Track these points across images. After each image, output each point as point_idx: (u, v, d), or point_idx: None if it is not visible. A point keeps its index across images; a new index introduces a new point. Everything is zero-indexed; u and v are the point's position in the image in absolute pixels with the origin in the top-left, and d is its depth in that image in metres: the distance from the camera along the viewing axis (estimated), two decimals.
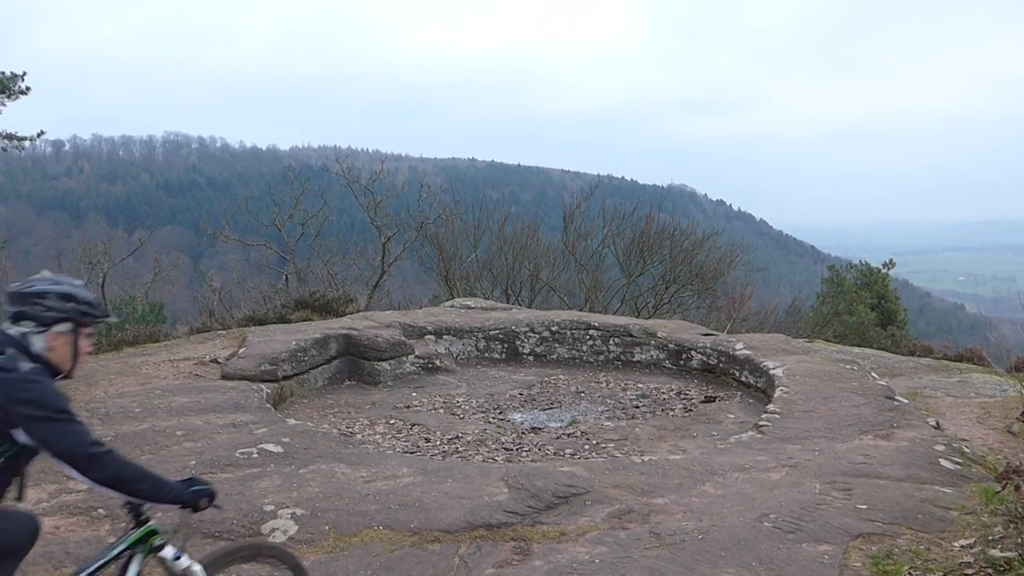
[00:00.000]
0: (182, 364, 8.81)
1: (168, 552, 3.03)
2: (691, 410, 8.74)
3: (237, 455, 5.71)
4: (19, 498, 2.86)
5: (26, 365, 2.74)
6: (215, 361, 8.91)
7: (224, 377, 8.25)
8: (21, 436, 2.67)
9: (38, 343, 2.83)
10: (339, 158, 23.63)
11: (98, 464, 2.73)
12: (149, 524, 3.01)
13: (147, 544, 3.00)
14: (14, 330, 2.83)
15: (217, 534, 4.43)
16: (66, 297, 2.90)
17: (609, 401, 9.17)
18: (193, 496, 2.96)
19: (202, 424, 6.48)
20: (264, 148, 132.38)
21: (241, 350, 9.13)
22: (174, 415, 6.71)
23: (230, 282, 22.26)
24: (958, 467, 5.87)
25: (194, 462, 5.54)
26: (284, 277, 20.45)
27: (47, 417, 2.66)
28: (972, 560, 4.22)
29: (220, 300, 19.49)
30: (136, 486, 2.82)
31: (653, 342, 10.93)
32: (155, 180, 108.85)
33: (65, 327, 2.89)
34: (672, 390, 9.66)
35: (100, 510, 4.72)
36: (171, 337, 11.95)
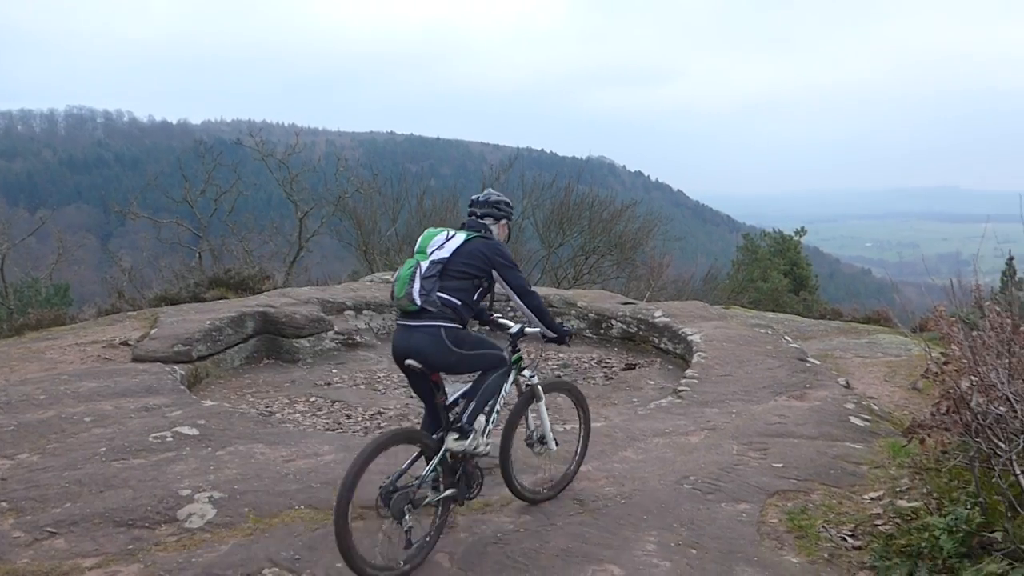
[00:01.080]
0: (90, 348, 8.49)
1: (526, 372, 4.78)
2: (612, 378, 8.83)
3: (150, 439, 5.53)
4: (490, 307, 4.72)
5: (493, 239, 4.51)
6: (125, 343, 8.61)
7: (135, 360, 7.97)
8: (494, 274, 4.39)
9: (493, 230, 4.57)
10: (253, 132, 23.01)
11: (531, 296, 4.54)
12: (518, 352, 4.72)
13: (518, 365, 4.69)
14: (482, 221, 4.55)
15: (130, 522, 4.28)
16: (508, 204, 4.69)
17: None
18: (566, 333, 4.83)
19: (112, 409, 6.26)
20: (174, 122, 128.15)
21: (153, 331, 8.84)
22: (82, 401, 6.46)
23: (141, 261, 21.55)
24: (867, 424, 6.09)
25: (104, 448, 5.34)
26: (197, 255, 19.90)
27: (508, 265, 4.41)
28: (881, 511, 4.39)
29: (130, 280, 18.86)
30: (545, 316, 4.65)
31: (573, 312, 11.00)
32: (58, 156, 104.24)
33: (506, 222, 4.68)
34: (593, 359, 9.75)
35: (3, 503, 4.51)
36: (78, 320, 11.50)
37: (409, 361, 4.14)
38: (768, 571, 3.86)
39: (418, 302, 4.12)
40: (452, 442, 4.15)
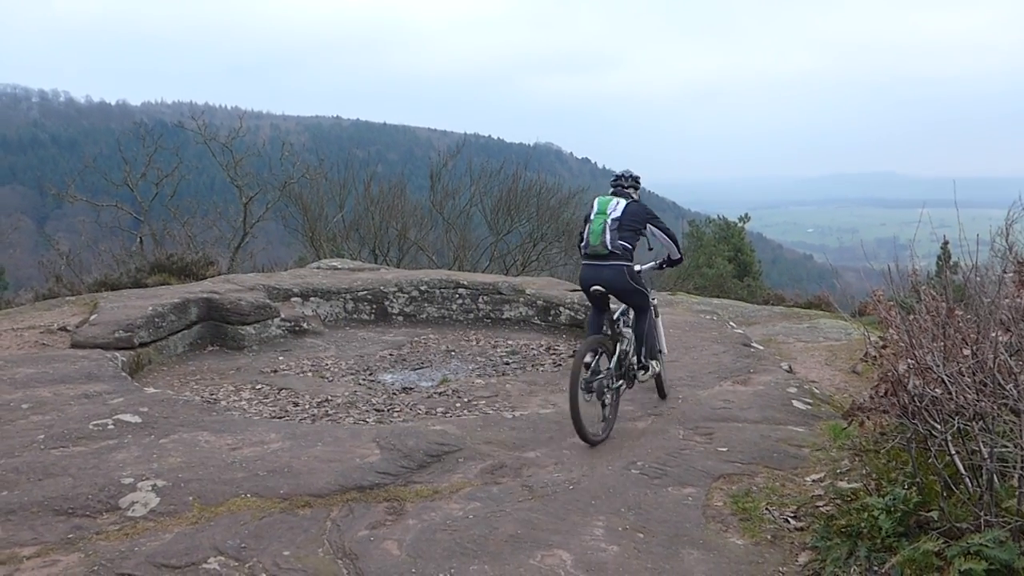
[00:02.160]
0: (27, 333, 8.26)
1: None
2: (560, 365, 8.88)
3: (91, 427, 5.41)
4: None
5: (641, 202, 6.17)
6: (64, 329, 8.40)
7: (74, 346, 7.78)
8: (646, 229, 6.07)
9: (635, 195, 6.18)
10: (195, 115, 22.51)
11: (676, 235, 6.35)
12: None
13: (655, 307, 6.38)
14: (627, 190, 6.18)
15: (70, 511, 4.19)
16: (638, 179, 6.31)
17: (480, 359, 9.21)
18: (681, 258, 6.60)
19: (51, 396, 6.11)
20: (113, 104, 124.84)
21: (93, 317, 8.63)
22: (19, 387, 6.29)
23: (79, 245, 20.94)
24: (809, 407, 6.23)
25: (43, 436, 5.21)
26: (138, 239, 19.43)
27: (657, 218, 6.18)
28: (823, 493, 4.49)
29: (68, 264, 18.32)
30: (680, 247, 6.45)
31: (522, 299, 11.03)
32: None
33: (637, 193, 6.24)
34: (541, 346, 9.79)
35: None
36: (13, 304, 11.19)
37: (596, 288, 5.88)
38: (713, 553, 3.93)
39: (609, 247, 5.82)
40: (643, 376, 6.15)
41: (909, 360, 4.03)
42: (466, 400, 7.38)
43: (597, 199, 6.14)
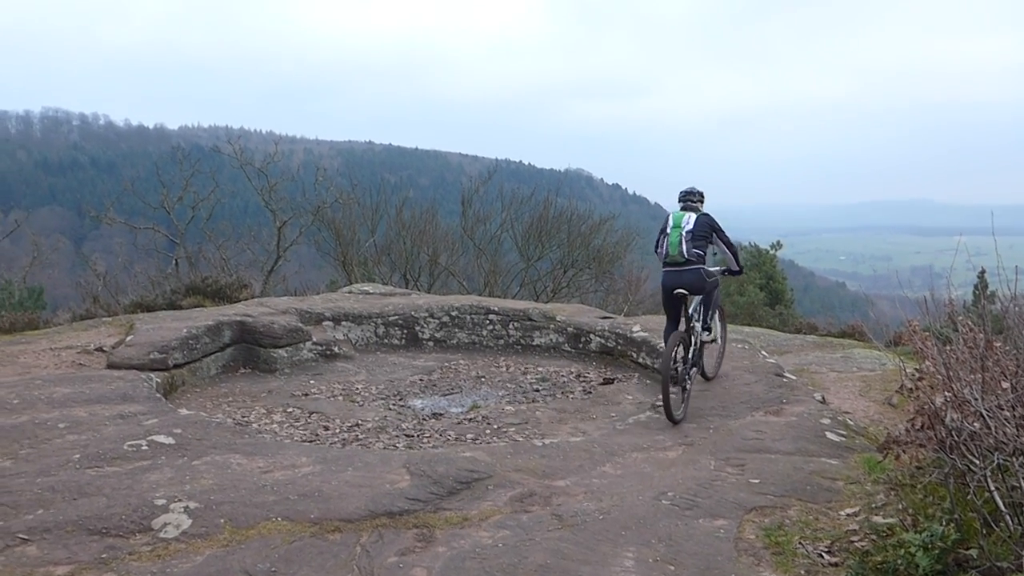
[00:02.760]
0: (64, 353, 8.39)
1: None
2: (590, 392, 8.85)
3: (125, 447, 5.48)
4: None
5: (709, 214, 7.28)
6: (100, 349, 8.52)
7: (110, 366, 7.90)
8: (713, 238, 7.25)
9: (702, 209, 7.29)
10: (231, 139, 22.87)
11: (736, 247, 7.53)
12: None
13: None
14: (695, 204, 7.32)
15: (104, 530, 4.23)
16: (703, 194, 7.42)
17: (510, 385, 9.21)
18: (742, 269, 7.92)
19: (87, 415, 6.19)
20: (151, 127, 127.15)
21: (128, 338, 8.76)
22: (56, 406, 6.39)
23: (116, 267, 21.30)
24: (843, 439, 6.14)
25: (78, 455, 5.28)
26: (174, 262, 19.71)
27: (723, 230, 7.31)
28: (857, 528, 4.42)
29: (105, 285, 18.63)
30: (739, 259, 7.68)
31: (552, 326, 11.02)
32: (33, 158, 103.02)
33: (703, 205, 7.40)
34: (571, 373, 9.77)
35: None
36: (52, 324, 11.35)
37: (679, 291, 7.08)
38: None
39: (686, 256, 7.03)
40: (704, 336, 7.47)
41: (946, 393, 3.97)
42: (496, 427, 7.37)
43: (672, 214, 7.32)
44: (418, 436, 7.08)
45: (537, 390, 8.96)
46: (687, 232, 7.06)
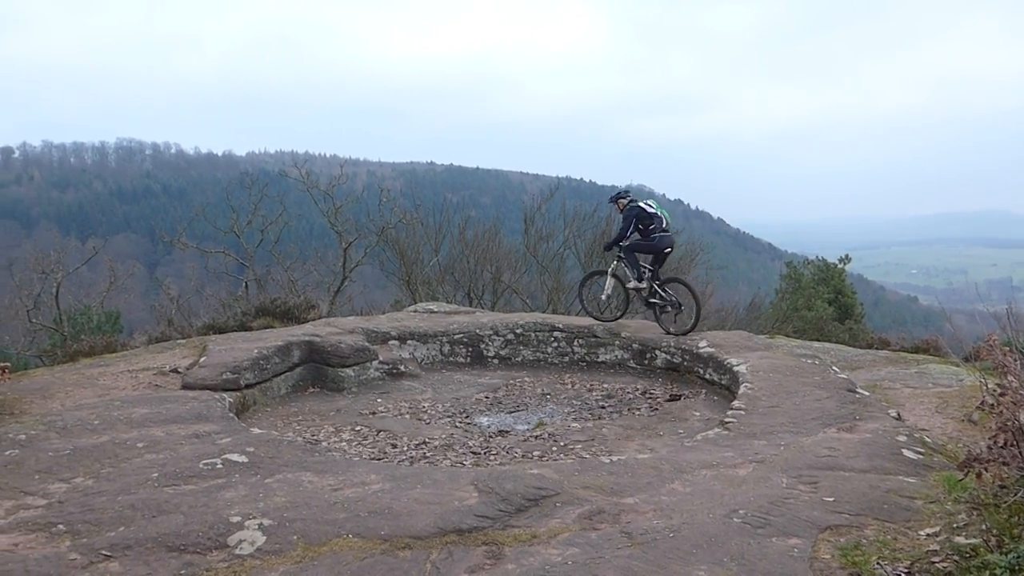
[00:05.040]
0: (141, 374, 8.65)
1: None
2: (657, 409, 8.77)
3: (201, 466, 5.61)
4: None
5: None
6: (175, 371, 8.76)
7: (185, 387, 8.11)
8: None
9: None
10: (297, 163, 23.41)
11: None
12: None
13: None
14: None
15: (182, 547, 4.34)
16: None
17: (575, 402, 9.18)
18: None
19: (164, 435, 6.36)
20: (220, 154, 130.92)
21: (202, 359, 8.99)
22: (134, 427, 6.58)
23: (188, 290, 21.93)
24: (920, 457, 5.97)
25: (157, 474, 5.43)
26: (244, 284, 20.19)
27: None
28: (938, 548, 4.28)
29: (178, 308, 19.19)
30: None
31: (617, 342, 10.97)
32: (108, 187, 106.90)
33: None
34: (637, 389, 9.70)
35: (60, 525, 4.60)
36: (129, 347, 11.73)
37: (669, 248, 10.78)
38: None
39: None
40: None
41: None
42: (562, 444, 7.35)
43: (651, 200, 11.13)
44: (485, 453, 7.10)
45: (603, 407, 8.92)
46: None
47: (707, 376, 9.63)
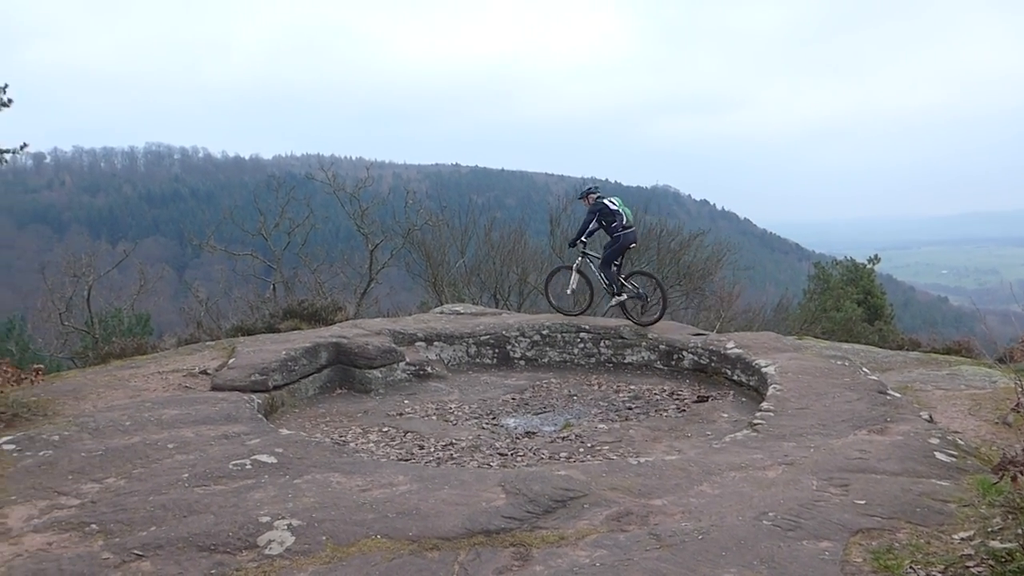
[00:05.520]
0: (171, 376, 8.73)
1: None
2: (684, 410, 8.73)
3: (230, 467, 5.66)
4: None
5: None
6: (204, 372, 8.84)
7: (214, 388, 8.18)
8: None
9: None
10: (323, 166, 23.55)
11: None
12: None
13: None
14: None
15: (212, 547, 4.37)
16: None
17: (602, 403, 9.15)
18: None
19: (194, 436, 6.42)
20: (247, 157, 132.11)
21: (230, 361, 9.06)
22: (165, 428, 6.64)
23: (216, 292, 22.13)
24: (953, 459, 5.88)
25: (187, 474, 5.48)
26: (271, 286, 20.34)
27: None
28: (973, 552, 4.22)
29: (207, 311, 19.36)
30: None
31: (644, 343, 10.92)
32: (137, 191, 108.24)
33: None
34: (664, 391, 9.65)
35: (93, 525, 4.66)
36: (159, 349, 11.85)
37: (634, 244, 11.58)
38: None
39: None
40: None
41: None
42: (589, 445, 7.34)
43: (615, 196, 11.60)
44: (512, 455, 7.10)
45: (630, 408, 8.88)
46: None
47: (735, 377, 9.56)
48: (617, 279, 11.34)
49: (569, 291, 12.05)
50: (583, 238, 11.64)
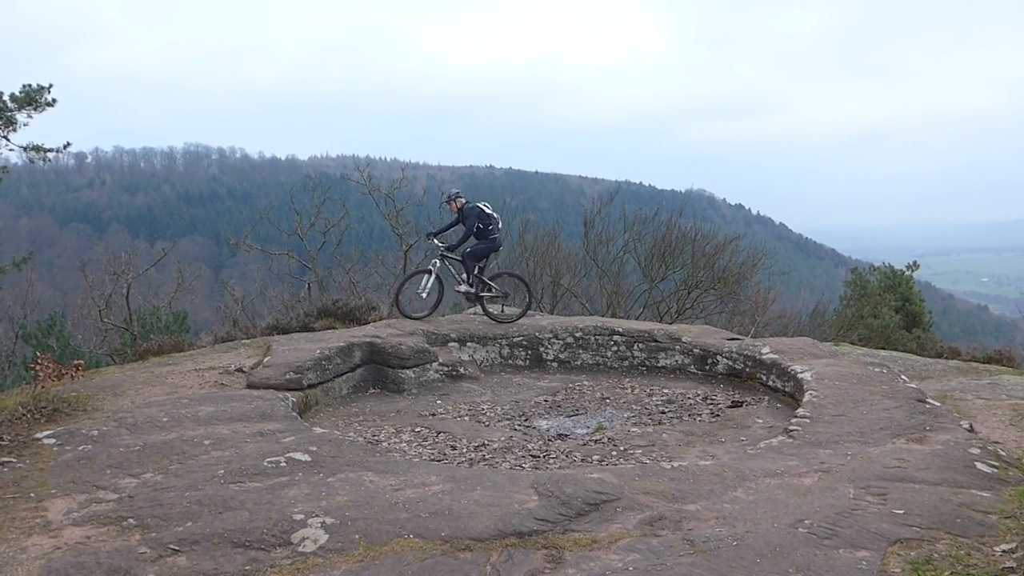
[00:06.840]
0: (207, 373, 8.83)
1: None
2: (718, 415, 8.65)
3: (265, 464, 5.71)
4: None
5: None
6: (240, 370, 8.93)
7: (249, 386, 8.26)
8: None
9: None
10: (358, 167, 23.66)
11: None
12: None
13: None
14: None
15: (247, 543, 4.41)
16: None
17: (635, 407, 9.11)
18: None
19: (229, 433, 6.49)
20: (283, 158, 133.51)
21: (266, 359, 9.14)
22: (201, 424, 6.72)
23: (252, 291, 22.35)
24: (994, 470, 5.77)
25: (222, 471, 5.54)
26: (306, 286, 20.48)
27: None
28: (1015, 565, 4.13)
29: (243, 309, 19.55)
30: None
31: (678, 347, 10.85)
32: (176, 191, 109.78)
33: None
34: (698, 395, 9.58)
35: (130, 519, 4.72)
36: (195, 347, 11.99)
37: (500, 247, 11.89)
38: None
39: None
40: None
41: None
42: (622, 449, 7.30)
43: (482, 203, 11.96)
44: (544, 457, 7.08)
45: (663, 412, 8.83)
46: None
47: (770, 383, 9.46)
48: (480, 278, 12.07)
49: (424, 294, 12.04)
50: (438, 240, 12.22)
